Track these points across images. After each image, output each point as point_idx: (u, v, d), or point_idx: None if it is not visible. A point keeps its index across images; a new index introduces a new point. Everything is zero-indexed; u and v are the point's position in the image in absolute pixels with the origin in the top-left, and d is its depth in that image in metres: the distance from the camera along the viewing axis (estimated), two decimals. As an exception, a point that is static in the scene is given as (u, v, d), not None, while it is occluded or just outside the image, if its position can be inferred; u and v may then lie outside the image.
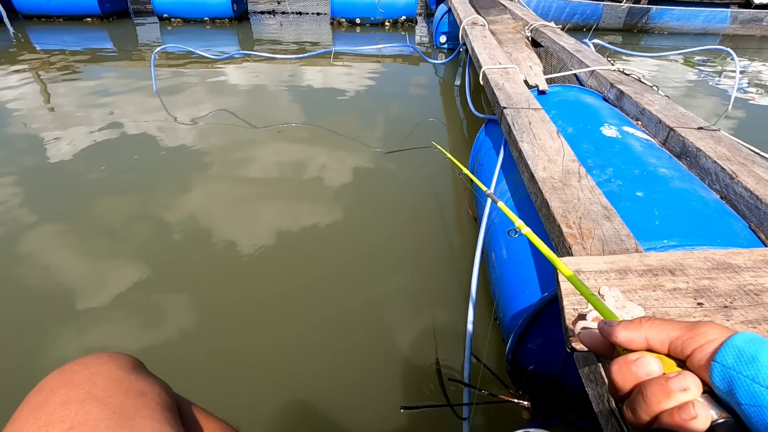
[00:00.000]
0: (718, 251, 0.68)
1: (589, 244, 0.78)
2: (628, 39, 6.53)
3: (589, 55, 2.20)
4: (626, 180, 1.04)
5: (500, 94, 1.66)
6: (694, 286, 0.61)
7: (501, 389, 1.16)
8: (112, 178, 2.26)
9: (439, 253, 1.77)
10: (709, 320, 0.55)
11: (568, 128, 1.41)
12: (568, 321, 0.56)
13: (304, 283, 1.59)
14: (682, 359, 0.31)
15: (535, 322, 0.89)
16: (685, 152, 1.24)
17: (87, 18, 6.23)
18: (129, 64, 4.31)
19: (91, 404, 0.38)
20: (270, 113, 3.17)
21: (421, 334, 1.39)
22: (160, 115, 3.06)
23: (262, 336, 1.37)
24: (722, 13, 6.83)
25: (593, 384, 0.61)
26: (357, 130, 2.90)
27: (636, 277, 0.63)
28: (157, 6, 6.30)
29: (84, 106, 3.20)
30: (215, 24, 6.43)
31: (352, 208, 2.06)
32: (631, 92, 1.63)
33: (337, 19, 6.60)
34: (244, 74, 4.05)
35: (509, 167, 1.47)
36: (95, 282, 1.57)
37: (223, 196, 2.13)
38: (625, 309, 0.56)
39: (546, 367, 0.99)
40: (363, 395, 1.21)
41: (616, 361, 0.33)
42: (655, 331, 0.33)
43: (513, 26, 3.10)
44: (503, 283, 1.14)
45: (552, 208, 0.91)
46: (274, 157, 2.52)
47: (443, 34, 5.20)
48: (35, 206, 2.02)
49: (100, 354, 0.46)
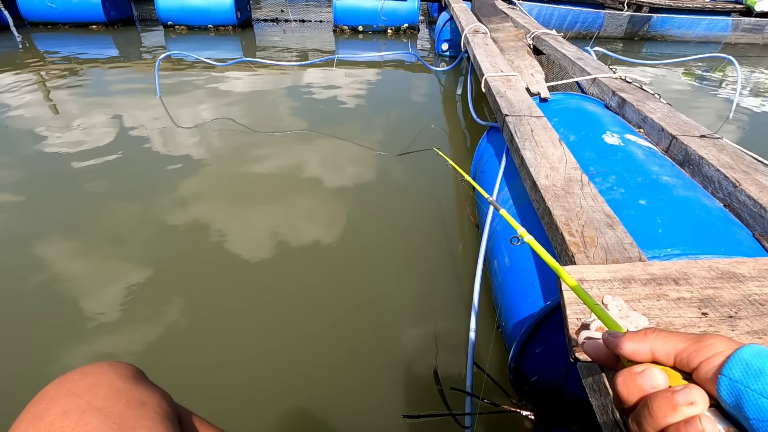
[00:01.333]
0: (722, 260, 0.67)
1: (592, 253, 0.78)
2: (629, 47, 6.56)
3: (591, 63, 2.21)
4: (629, 188, 1.04)
5: (502, 101, 1.67)
6: (698, 295, 0.60)
7: (503, 399, 1.15)
8: (115, 182, 2.27)
9: (441, 260, 1.76)
10: (714, 331, 0.55)
11: (570, 136, 1.41)
12: (572, 330, 0.56)
13: (304, 288, 1.59)
14: (688, 372, 0.31)
15: (537, 330, 0.89)
16: (687, 160, 1.24)
17: (92, 25, 6.29)
18: (133, 71, 4.34)
19: (91, 415, 0.38)
20: (272, 119, 3.19)
21: (422, 341, 1.39)
22: (164, 121, 3.07)
23: (262, 342, 1.37)
24: (723, 22, 6.86)
25: (597, 394, 0.60)
26: (359, 137, 2.91)
27: (639, 286, 0.62)
28: (161, 13, 6.36)
29: (88, 111, 3.22)
30: (219, 31, 6.49)
31: (353, 214, 2.06)
32: (633, 100, 1.63)
33: (340, 27, 6.64)
34: (246, 81, 4.08)
35: (511, 175, 1.47)
36: (97, 286, 1.57)
37: (225, 201, 2.14)
38: (628, 319, 0.56)
39: (549, 377, 0.98)
40: (364, 403, 1.20)
41: (621, 373, 0.32)
42: (660, 343, 0.32)
43: (515, 34, 3.11)
44: (505, 291, 1.13)
45: (554, 216, 0.90)
46: (275, 162, 2.53)
47: (445, 42, 5.23)
48: (38, 210, 2.02)
49: (101, 363, 0.45)
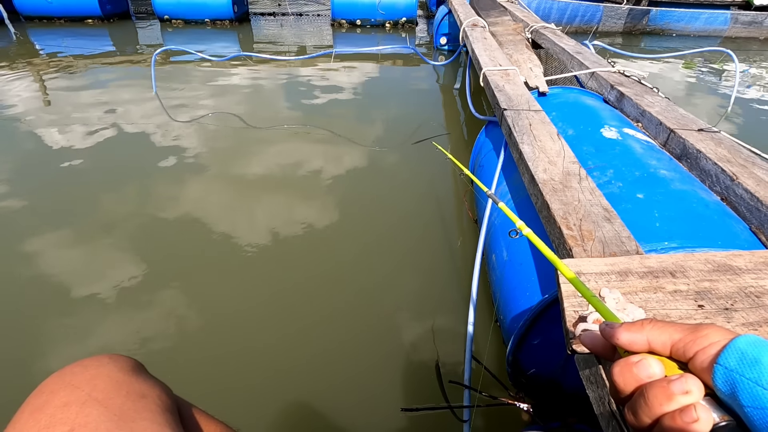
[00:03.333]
0: (718, 253, 0.68)
1: (590, 246, 0.78)
2: (628, 41, 6.54)
3: (590, 57, 2.20)
4: (627, 182, 1.04)
5: (500, 95, 1.66)
6: (695, 288, 0.61)
7: (501, 392, 1.16)
8: (110, 177, 2.26)
9: (440, 254, 1.77)
10: (710, 322, 0.55)
11: (569, 130, 1.41)
12: (569, 323, 0.56)
13: (302, 282, 1.59)
14: (684, 362, 0.31)
15: (535, 323, 0.89)
16: (685, 154, 1.24)
17: (88, 19, 6.24)
18: (129, 65, 4.31)
19: (91, 406, 0.38)
20: (270, 114, 3.18)
21: (421, 335, 1.39)
22: (160, 116, 3.06)
23: (261, 336, 1.37)
24: (723, 15, 6.84)
25: (594, 386, 0.61)
26: (357, 132, 2.90)
27: (637, 279, 0.63)
28: (157, 7, 6.31)
29: (83, 106, 3.20)
30: (216, 25, 6.44)
31: (351, 208, 2.06)
32: (631, 94, 1.63)
33: (338, 21, 6.60)
34: (244, 75, 4.05)
35: (509, 169, 1.47)
36: (94, 280, 1.57)
37: (221, 195, 2.13)
38: (625, 311, 0.56)
39: (546, 370, 0.99)
40: (363, 396, 1.21)
41: (617, 363, 0.33)
42: (656, 333, 0.33)
43: (513, 28, 3.10)
44: (504, 284, 1.14)
45: (552, 210, 0.91)
46: (272, 157, 2.52)
47: (443, 36, 5.20)
48: (33, 204, 2.02)
49: (101, 356, 0.45)
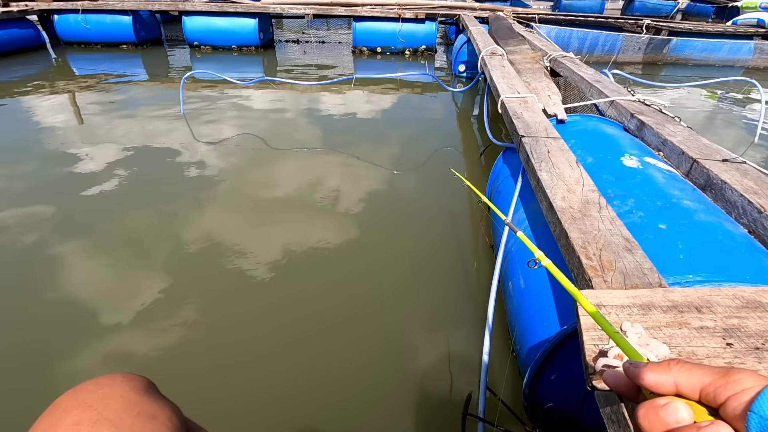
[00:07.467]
0: (747, 288, 0.65)
1: (610, 277, 0.76)
2: (648, 70, 6.52)
3: (609, 86, 2.20)
4: (648, 212, 1.02)
5: (518, 122, 1.67)
6: (722, 324, 0.58)
7: (517, 426, 1.11)
8: (135, 193, 2.32)
9: (455, 280, 1.75)
10: (739, 362, 0.52)
11: (588, 158, 1.39)
12: (589, 357, 0.54)
13: (316, 303, 1.58)
14: (714, 407, 0.30)
15: (553, 356, 0.86)
16: (709, 184, 1.21)
17: (123, 45, 6.58)
18: (159, 88, 4.50)
19: (102, 426, 0.38)
20: (291, 136, 3.25)
21: (434, 362, 1.36)
22: (186, 137, 3.16)
23: (269, 351, 1.36)
24: (746, 45, 6.78)
25: (615, 425, 0.58)
26: (375, 155, 2.93)
27: (660, 313, 0.60)
28: (188, 34, 6.62)
29: (115, 126, 3.34)
30: (242, 51, 6.70)
31: (367, 230, 2.07)
32: (652, 123, 1.61)
33: (359, 48, 6.79)
34: (267, 99, 4.18)
35: (527, 195, 1.46)
36: (115, 296, 1.59)
37: (241, 213, 2.17)
38: (648, 347, 0.54)
39: (564, 404, 0.95)
40: (373, 425, 1.18)
41: (642, 405, 0.31)
42: (685, 376, 0.31)
43: (532, 56, 3.13)
44: (521, 313, 1.11)
45: (571, 239, 0.89)
46: (292, 178, 2.56)
47: (462, 63, 5.29)
48: (62, 220, 2.08)
49: (114, 374, 0.46)
